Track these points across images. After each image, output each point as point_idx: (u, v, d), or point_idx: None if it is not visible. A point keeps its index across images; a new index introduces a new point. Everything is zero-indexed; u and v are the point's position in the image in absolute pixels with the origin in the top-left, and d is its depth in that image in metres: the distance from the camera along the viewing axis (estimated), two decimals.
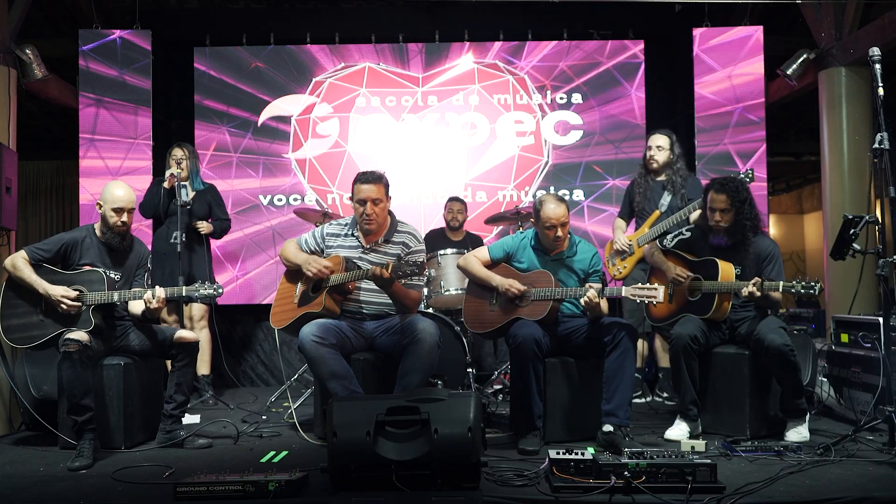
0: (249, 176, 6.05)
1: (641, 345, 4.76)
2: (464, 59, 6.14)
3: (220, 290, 3.49)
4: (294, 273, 3.79)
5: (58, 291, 3.42)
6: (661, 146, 4.72)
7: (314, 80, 6.12)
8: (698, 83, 5.83)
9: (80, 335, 3.32)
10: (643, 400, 4.62)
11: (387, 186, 3.67)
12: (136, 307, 3.54)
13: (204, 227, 4.87)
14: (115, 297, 3.45)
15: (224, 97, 6.08)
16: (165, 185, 4.80)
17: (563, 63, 6.13)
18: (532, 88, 6.12)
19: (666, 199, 4.70)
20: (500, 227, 5.91)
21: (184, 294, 3.47)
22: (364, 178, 3.63)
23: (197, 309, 4.90)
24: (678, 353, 3.64)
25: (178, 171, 4.66)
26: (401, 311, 3.66)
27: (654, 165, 4.73)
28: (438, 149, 6.12)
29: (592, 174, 6.09)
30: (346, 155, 6.09)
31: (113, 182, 3.67)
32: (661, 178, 4.75)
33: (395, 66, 6.16)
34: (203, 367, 4.90)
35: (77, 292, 3.43)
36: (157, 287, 3.45)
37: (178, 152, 4.88)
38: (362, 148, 6.10)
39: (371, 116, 6.12)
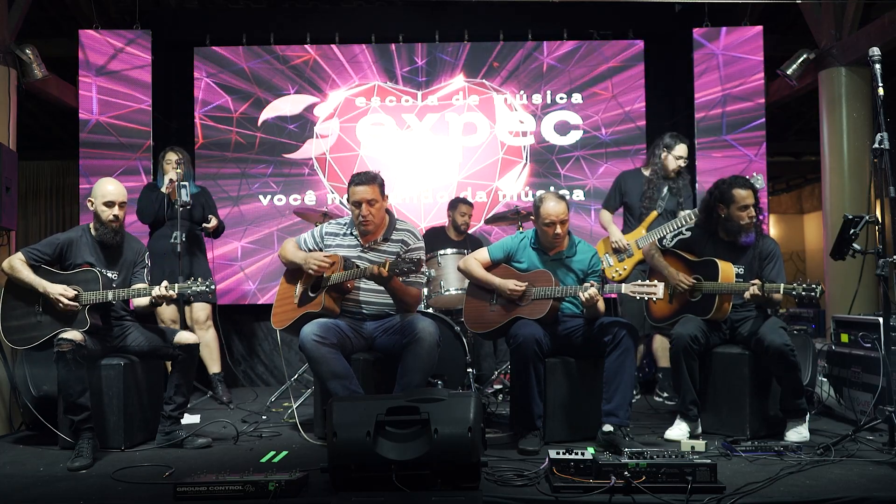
0: (248, 175, 6.05)
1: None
2: (456, 80, 6.13)
3: (213, 286, 3.49)
4: (293, 273, 3.79)
5: (56, 290, 3.42)
6: (685, 157, 4.69)
7: (330, 93, 6.11)
8: (698, 83, 5.82)
9: (73, 335, 3.32)
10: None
11: (381, 186, 3.64)
12: (141, 300, 3.56)
13: (213, 223, 4.83)
14: (111, 296, 3.46)
15: (224, 97, 6.08)
16: (164, 189, 4.76)
17: (563, 63, 6.13)
18: (523, 95, 6.13)
19: (667, 199, 4.69)
20: (476, 225, 5.89)
21: (177, 291, 3.47)
22: (357, 179, 3.61)
23: (200, 310, 4.87)
24: (678, 353, 3.64)
25: (179, 171, 4.65)
26: (401, 310, 3.65)
27: (678, 172, 4.71)
28: (438, 148, 6.12)
29: (592, 174, 6.09)
30: (353, 156, 6.09)
31: (103, 178, 3.68)
32: (669, 180, 4.73)
33: (397, 83, 6.18)
34: (213, 365, 4.92)
35: (75, 292, 3.44)
36: (164, 282, 3.46)
37: (172, 156, 4.84)
38: (363, 149, 6.09)
39: (372, 117, 6.12)
